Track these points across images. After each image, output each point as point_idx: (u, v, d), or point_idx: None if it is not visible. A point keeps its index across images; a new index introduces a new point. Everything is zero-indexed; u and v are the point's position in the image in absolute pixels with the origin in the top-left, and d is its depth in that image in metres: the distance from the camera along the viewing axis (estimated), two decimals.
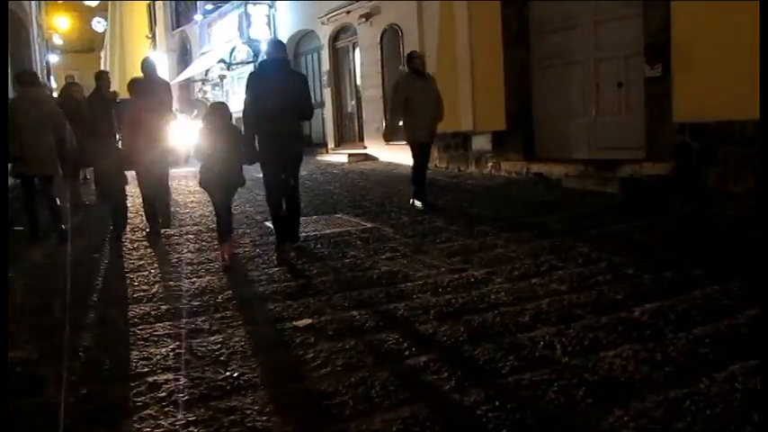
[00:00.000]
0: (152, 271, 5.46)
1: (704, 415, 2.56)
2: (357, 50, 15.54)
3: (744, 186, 6.94)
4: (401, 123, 7.69)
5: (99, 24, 41.51)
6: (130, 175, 7.01)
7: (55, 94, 13.38)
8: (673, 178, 7.77)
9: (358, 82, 15.73)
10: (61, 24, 40.86)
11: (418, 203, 7.64)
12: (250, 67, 21.01)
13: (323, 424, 2.67)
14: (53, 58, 33.72)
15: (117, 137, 7.26)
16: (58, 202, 7.02)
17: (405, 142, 8.05)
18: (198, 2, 25.08)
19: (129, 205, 7.66)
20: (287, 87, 5.81)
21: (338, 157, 15.53)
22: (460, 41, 11.39)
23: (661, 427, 2.51)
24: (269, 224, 6.88)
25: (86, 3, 39.16)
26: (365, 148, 15.11)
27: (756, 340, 3.23)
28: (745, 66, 6.85)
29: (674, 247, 5.20)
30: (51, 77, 24.09)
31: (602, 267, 4.76)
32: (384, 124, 7.58)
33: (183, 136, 11.15)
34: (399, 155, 13.43)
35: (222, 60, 21.74)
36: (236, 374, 3.18)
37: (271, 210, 6.15)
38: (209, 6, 23.93)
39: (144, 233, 6.92)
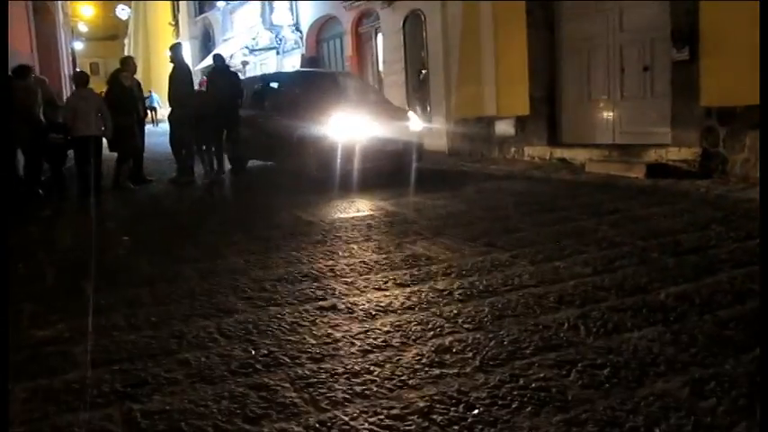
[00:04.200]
0: (178, 252, 5.55)
1: (729, 395, 2.57)
2: (379, 36, 15.50)
3: None
4: None
5: (123, 12, 41.89)
6: None
7: None
8: (699, 163, 7.70)
9: (380, 68, 15.70)
10: (86, 12, 41.26)
11: None
12: (273, 53, 21.13)
13: (349, 401, 2.71)
14: (78, 46, 34.11)
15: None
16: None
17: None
18: None
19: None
20: (228, 80, 10.81)
21: None
22: (484, 26, 11.33)
23: (686, 406, 2.53)
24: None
25: None
26: None
27: None
28: None
29: (698, 233, 5.17)
30: (76, 64, 24.44)
31: (625, 251, 4.76)
32: None
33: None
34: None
35: (245, 46, 21.82)
36: (264, 352, 3.24)
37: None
38: None
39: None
